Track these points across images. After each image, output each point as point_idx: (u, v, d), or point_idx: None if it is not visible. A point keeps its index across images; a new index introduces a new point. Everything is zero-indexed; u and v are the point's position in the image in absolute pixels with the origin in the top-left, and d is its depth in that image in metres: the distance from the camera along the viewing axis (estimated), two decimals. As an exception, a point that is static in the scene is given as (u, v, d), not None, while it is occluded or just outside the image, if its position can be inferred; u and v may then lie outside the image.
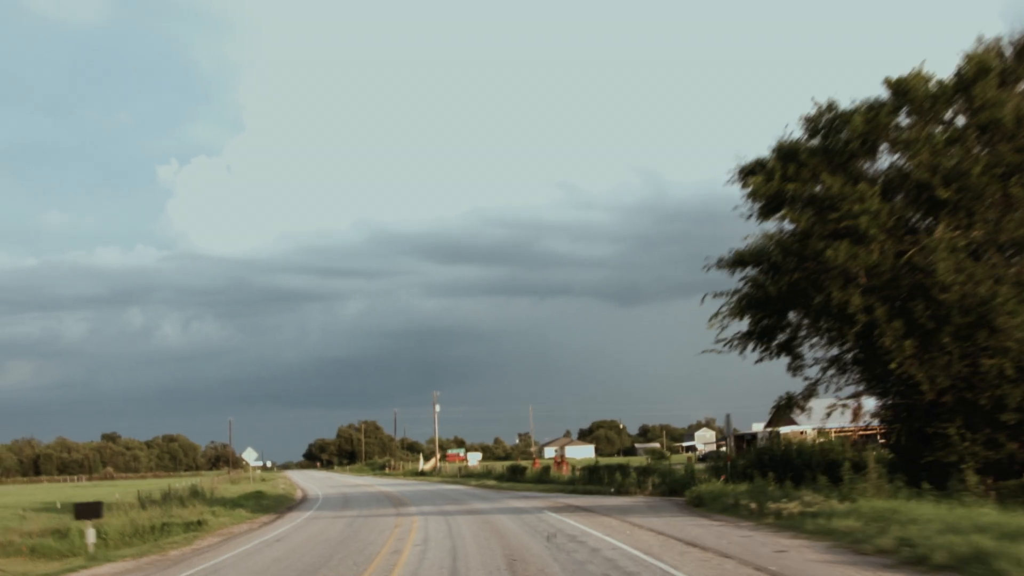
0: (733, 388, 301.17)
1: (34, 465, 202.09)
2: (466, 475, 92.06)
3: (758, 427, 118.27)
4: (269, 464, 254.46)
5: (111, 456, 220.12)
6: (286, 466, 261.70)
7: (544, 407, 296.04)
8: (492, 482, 68.88)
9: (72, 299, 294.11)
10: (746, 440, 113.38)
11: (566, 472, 66.87)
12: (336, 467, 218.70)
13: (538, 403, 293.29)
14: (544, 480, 65.02)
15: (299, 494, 67.98)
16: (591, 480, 55.88)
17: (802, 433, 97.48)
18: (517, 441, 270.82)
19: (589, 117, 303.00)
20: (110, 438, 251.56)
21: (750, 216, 31.43)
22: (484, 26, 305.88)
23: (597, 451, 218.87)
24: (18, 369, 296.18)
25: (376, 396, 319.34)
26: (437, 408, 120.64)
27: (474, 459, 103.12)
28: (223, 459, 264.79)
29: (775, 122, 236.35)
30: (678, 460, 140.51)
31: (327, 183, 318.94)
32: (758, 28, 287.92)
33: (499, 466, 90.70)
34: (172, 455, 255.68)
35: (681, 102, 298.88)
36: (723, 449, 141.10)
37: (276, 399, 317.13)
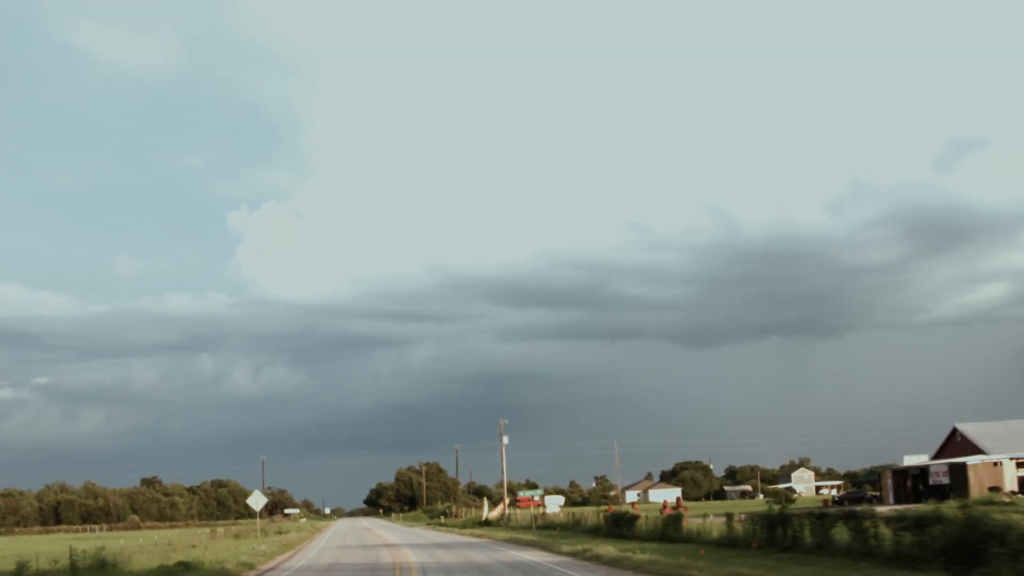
0: (818, 426, 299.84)
1: (55, 513, 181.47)
2: (545, 526, 67.68)
3: (913, 460, 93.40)
4: (328, 511, 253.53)
5: (143, 503, 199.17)
6: (351, 513, 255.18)
7: (620, 450, 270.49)
8: (586, 542, 43.33)
9: (143, 345, 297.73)
10: (910, 476, 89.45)
11: (688, 522, 42.60)
12: (395, 514, 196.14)
13: (612, 446, 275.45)
14: (672, 537, 40.32)
15: (278, 559, 43.52)
16: (771, 537, 31.49)
17: (996, 464, 73.49)
18: (594, 484, 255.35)
19: (659, 156, 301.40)
20: (149, 483, 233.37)
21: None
22: (553, 66, 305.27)
23: (684, 494, 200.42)
24: (90, 416, 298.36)
25: (445, 442, 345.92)
26: (505, 440, 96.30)
27: (554, 504, 78.20)
28: (281, 505, 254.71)
29: (848, 163, 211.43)
30: (812, 501, 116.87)
31: (397, 227, 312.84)
32: (826, 63, 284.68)
33: (588, 513, 66.06)
34: (220, 501, 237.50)
35: (752, 140, 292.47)
36: (867, 490, 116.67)
37: (345, 445, 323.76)
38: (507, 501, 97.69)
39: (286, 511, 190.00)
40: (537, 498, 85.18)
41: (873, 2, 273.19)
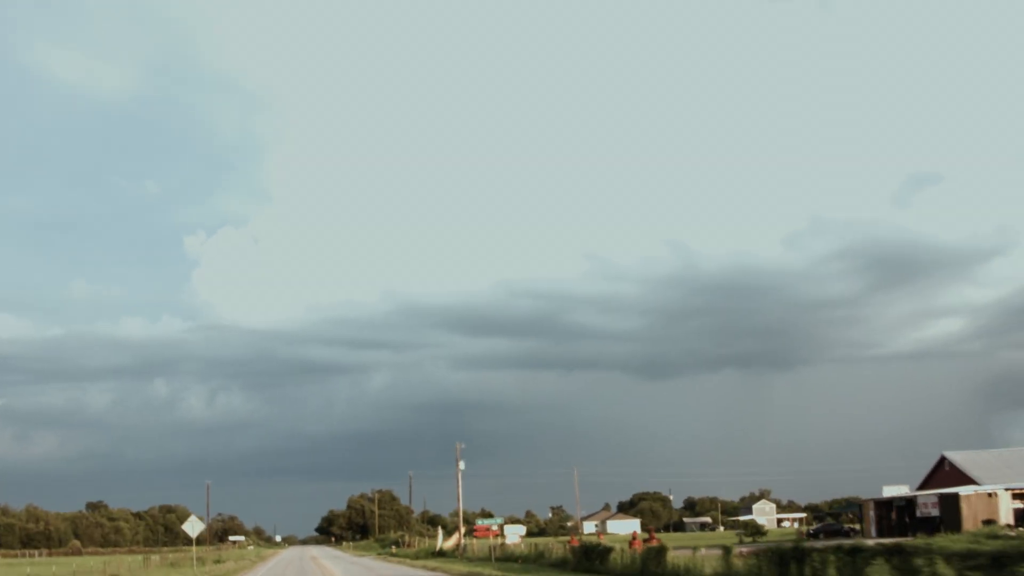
0: (776, 459, 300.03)
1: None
2: (504, 558, 63.26)
3: (894, 491, 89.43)
4: (279, 538, 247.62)
5: (86, 528, 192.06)
6: (304, 541, 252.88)
7: (569, 479, 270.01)
8: None
9: (97, 369, 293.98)
10: (895, 507, 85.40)
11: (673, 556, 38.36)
12: (346, 543, 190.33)
13: (569, 476, 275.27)
14: (655, 574, 36.13)
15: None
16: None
17: (991, 495, 69.88)
18: (550, 514, 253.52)
19: (618, 187, 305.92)
20: (95, 507, 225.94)
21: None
22: (510, 95, 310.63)
23: (642, 526, 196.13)
24: (42, 439, 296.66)
25: (400, 469, 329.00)
26: (461, 465, 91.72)
27: (514, 534, 72.99)
28: (230, 532, 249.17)
29: (806, 197, 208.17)
30: (782, 534, 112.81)
31: (354, 254, 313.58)
32: (785, 98, 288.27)
33: (553, 544, 61.55)
34: (168, 527, 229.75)
35: (711, 173, 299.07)
36: (844, 522, 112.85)
37: (299, 472, 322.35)
38: (463, 531, 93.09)
39: (231, 538, 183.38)
40: (495, 527, 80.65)
41: (831, 38, 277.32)
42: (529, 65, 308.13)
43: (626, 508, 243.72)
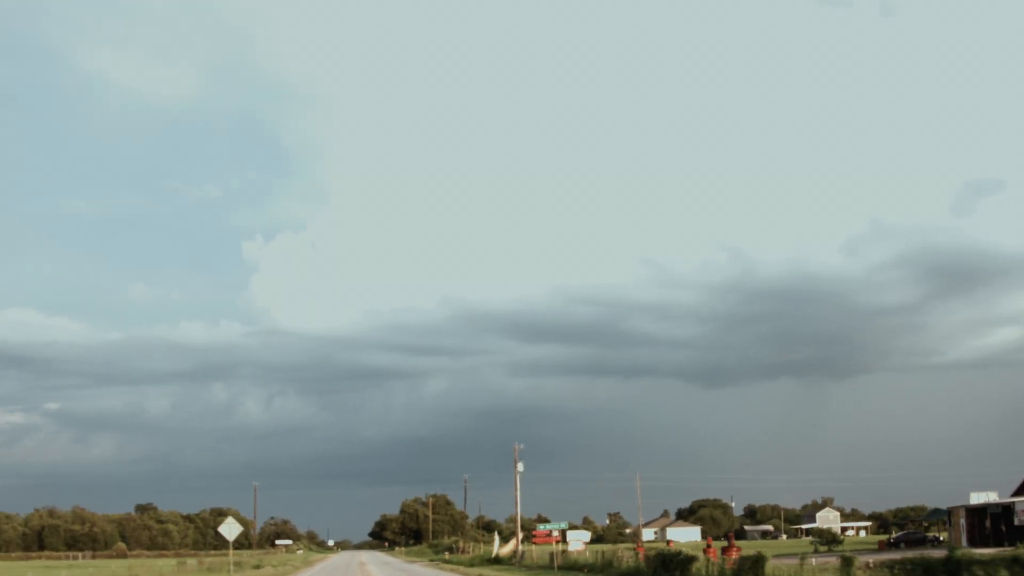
0: (834, 467, 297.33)
1: (38, 538, 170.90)
2: (567, 566, 57.04)
3: (982, 497, 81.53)
4: (332, 543, 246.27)
5: (133, 530, 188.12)
6: (358, 546, 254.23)
7: (632, 487, 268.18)
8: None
9: (156, 373, 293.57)
10: (989, 515, 78.09)
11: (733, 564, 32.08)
12: (398, 548, 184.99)
13: (626, 483, 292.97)
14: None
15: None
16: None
17: None
18: (608, 521, 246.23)
19: (675, 193, 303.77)
20: (143, 509, 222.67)
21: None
22: (567, 100, 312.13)
23: (703, 533, 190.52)
24: (100, 443, 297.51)
25: (456, 475, 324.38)
26: (520, 468, 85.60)
27: (578, 541, 65.95)
28: (284, 535, 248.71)
29: (866, 203, 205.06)
30: (855, 543, 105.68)
31: (412, 259, 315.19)
32: (845, 103, 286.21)
33: (623, 551, 55.08)
34: (256, 531, 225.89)
35: (769, 179, 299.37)
36: (931, 531, 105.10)
37: (354, 477, 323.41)
38: (520, 536, 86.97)
39: (279, 542, 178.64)
40: (556, 533, 74.35)
41: (892, 43, 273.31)
42: (585, 70, 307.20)
43: (685, 515, 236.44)
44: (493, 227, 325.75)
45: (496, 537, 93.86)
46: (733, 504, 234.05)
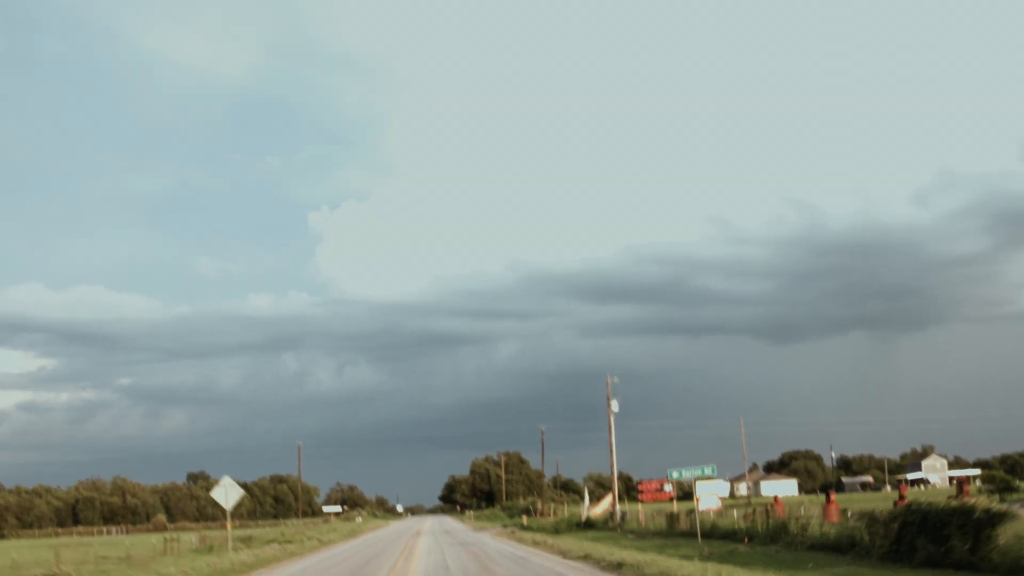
0: (922, 416, 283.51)
1: (72, 513, 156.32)
2: (706, 533, 37.70)
3: None
4: (401, 508, 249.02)
5: (178, 500, 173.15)
6: (431, 511, 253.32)
7: (712, 443, 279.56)
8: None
9: (227, 346, 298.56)
10: None
11: None
12: (468, 512, 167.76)
13: (701, 441, 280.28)
14: None
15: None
16: None
17: None
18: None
19: (740, 148, 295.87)
20: (195, 478, 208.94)
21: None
22: (630, 57, 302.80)
23: (800, 486, 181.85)
24: (174, 416, 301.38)
25: (528, 438, 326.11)
26: (614, 406, 66.44)
27: (711, 496, 45.09)
28: (350, 502, 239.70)
29: (935, 151, 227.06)
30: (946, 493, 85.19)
31: (478, 224, 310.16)
32: (910, 46, 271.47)
33: (810, 507, 35.68)
34: (279, 498, 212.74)
35: (835, 126, 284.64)
36: None
37: (425, 442, 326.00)
38: (616, 492, 68.11)
39: (326, 508, 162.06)
40: (670, 488, 55.59)
41: None
42: (646, 27, 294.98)
43: (776, 468, 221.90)
44: (559, 189, 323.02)
45: (586, 495, 74.91)
46: (834, 455, 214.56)
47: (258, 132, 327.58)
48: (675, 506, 58.05)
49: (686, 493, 66.22)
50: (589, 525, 65.39)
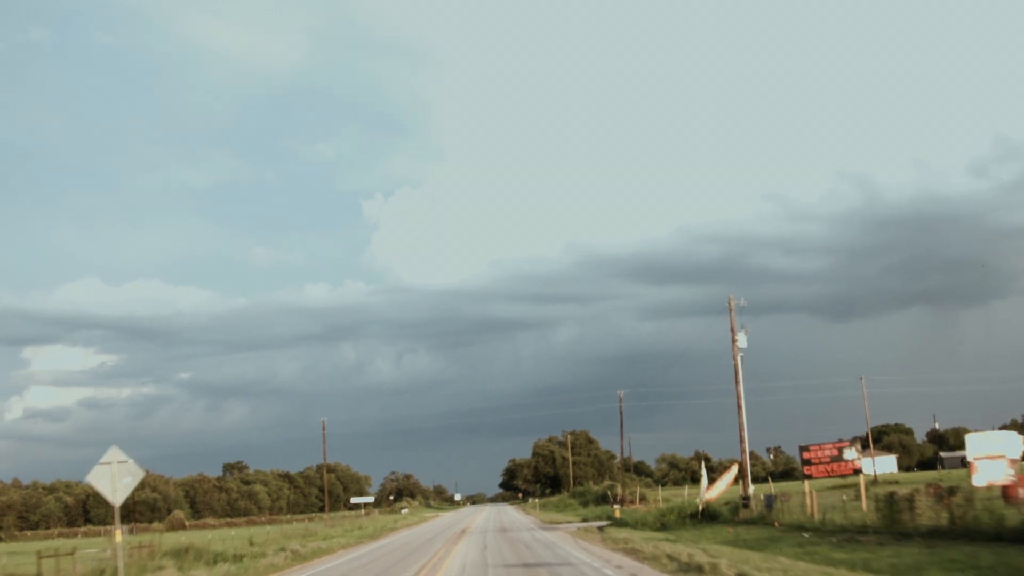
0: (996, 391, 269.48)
1: (83, 510, 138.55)
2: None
3: None
4: (459, 497, 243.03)
5: (203, 494, 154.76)
6: (492, 499, 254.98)
7: (782, 419, 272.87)
8: None
9: (284, 337, 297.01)
10: None
11: None
12: (532, 500, 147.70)
13: (767, 420, 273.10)
14: None
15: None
16: None
17: None
18: (772, 456, 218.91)
19: (793, 122, 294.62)
20: (232, 469, 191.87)
21: None
22: (678, 40, 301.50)
23: (899, 463, 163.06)
24: (234, 409, 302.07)
25: (589, 423, 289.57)
26: (742, 341, 45.63)
27: (996, 463, 24.87)
28: (406, 491, 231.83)
29: (990, 118, 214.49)
30: None
31: (533, 208, 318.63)
32: (958, 18, 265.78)
33: None
34: (324, 489, 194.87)
35: (888, 97, 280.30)
36: None
37: (486, 429, 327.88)
38: (747, 467, 47.09)
39: (354, 499, 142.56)
40: (852, 455, 34.92)
41: None
42: (693, 4, 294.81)
43: (866, 444, 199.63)
44: (613, 171, 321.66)
45: (704, 473, 53.58)
46: (937, 425, 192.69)
47: (308, 122, 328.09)
48: (861, 481, 37.38)
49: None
50: (710, 516, 44.91)
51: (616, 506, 48.11)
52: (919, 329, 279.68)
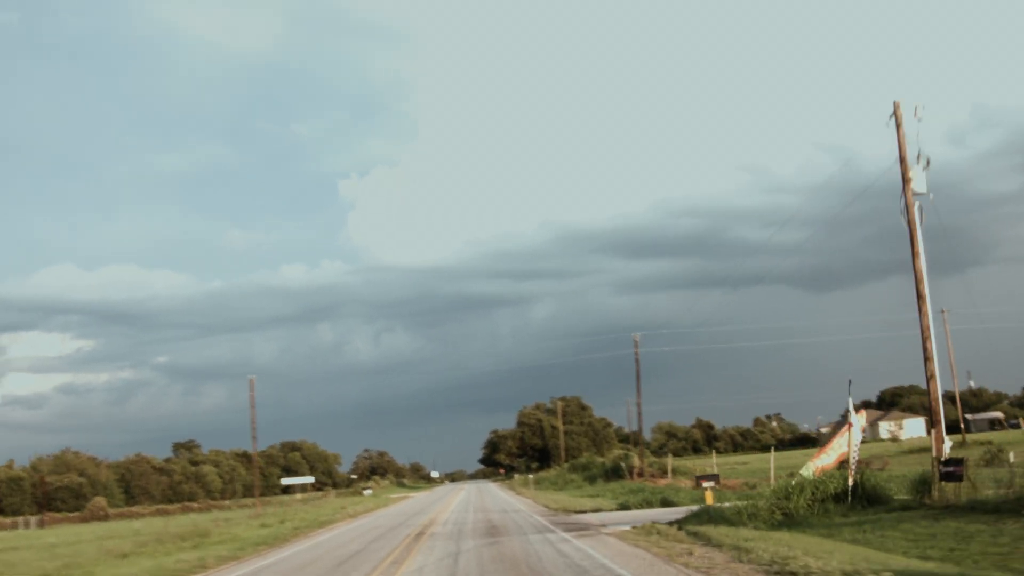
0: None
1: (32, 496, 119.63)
2: None
3: None
4: (437, 475, 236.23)
5: (139, 477, 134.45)
6: (472, 476, 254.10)
7: (773, 392, 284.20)
8: None
9: (261, 320, 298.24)
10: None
11: None
12: (519, 476, 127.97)
13: (763, 389, 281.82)
14: None
15: None
16: None
17: None
18: (775, 424, 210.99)
19: (769, 93, 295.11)
20: (186, 448, 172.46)
21: None
22: (652, 12, 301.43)
23: (930, 425, 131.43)
24: (213, 392, 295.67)
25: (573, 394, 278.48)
26: (917, 183, 25.12)
27: None
28: (380, 469, 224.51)
29: (968, 86, 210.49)
30: None
31: (509, 185, 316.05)
32: None
33: None
34: (290, 469, 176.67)
35: (861, 70, 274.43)
36: None
37: (466, 406, 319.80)
38: (941, 414, 27.92)
39: (284, 481, 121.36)
40: None
41: None
42: None
43: (881, 407, 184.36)
44: (587, 146, 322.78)
45: (835, 440, 33.26)
46: (972, 382, 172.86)
47: (282, 103, 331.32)
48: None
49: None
50: (870, 497, 24.69)
51: (708, 485, 27.05)
52: (898, 298, 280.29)
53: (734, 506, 26.68)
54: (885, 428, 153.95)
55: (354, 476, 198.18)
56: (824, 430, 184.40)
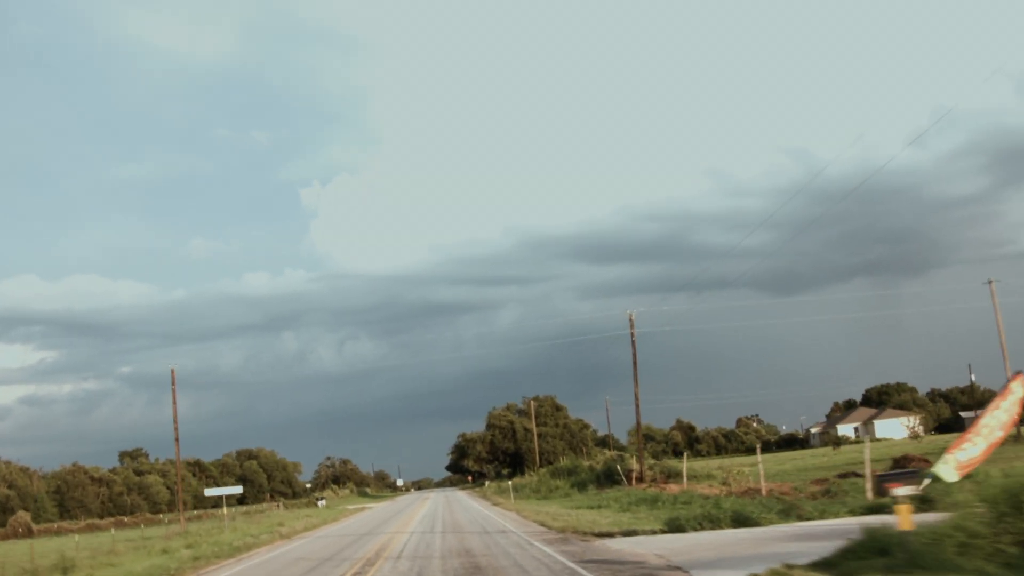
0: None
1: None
2: None
3: None
4: (401, 483, 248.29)
5: (75, 488, 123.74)
6: (440, 484, 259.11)
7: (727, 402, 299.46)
8: None
9: (225, 328, 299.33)
10: None
11: None
12: (491, 483, 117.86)
13: (733, 394, 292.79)
14: None
15: None
16: None
17: None
18: (756, 425, 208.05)
19: (733, 97, 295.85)
20: (132, 456, 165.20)
21: None
22: (616, 11, 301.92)
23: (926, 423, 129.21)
24: (178, 401, 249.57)
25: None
26: None
27: None
28: (343, 477, 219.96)
29: (929, 89, 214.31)
30: None
31: (472, 191, 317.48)
32: None
33: None
34: (247, 478, 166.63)
35: (824, 73, 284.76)
36: None
37: (432, 414, 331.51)
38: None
39: (207, 492, 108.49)
40: None
41: None
42: None
43: (874, 405, 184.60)
44: (550, 151, 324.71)
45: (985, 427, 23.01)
46: (973, 377, 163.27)
47: (242, 112, 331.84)
48: None
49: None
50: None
51: (904, 492, 15.58)
52: (862, 300, 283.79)
53: (929, 529, 15.18)
54: (848, 428, 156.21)
55: (308, 485, 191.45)
56: (814, 430, 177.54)
